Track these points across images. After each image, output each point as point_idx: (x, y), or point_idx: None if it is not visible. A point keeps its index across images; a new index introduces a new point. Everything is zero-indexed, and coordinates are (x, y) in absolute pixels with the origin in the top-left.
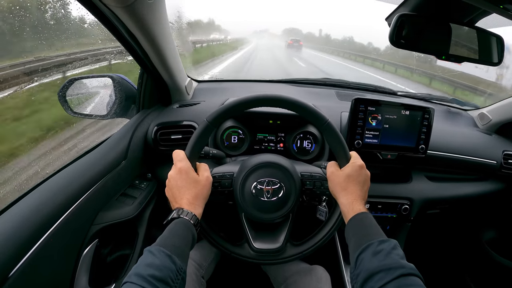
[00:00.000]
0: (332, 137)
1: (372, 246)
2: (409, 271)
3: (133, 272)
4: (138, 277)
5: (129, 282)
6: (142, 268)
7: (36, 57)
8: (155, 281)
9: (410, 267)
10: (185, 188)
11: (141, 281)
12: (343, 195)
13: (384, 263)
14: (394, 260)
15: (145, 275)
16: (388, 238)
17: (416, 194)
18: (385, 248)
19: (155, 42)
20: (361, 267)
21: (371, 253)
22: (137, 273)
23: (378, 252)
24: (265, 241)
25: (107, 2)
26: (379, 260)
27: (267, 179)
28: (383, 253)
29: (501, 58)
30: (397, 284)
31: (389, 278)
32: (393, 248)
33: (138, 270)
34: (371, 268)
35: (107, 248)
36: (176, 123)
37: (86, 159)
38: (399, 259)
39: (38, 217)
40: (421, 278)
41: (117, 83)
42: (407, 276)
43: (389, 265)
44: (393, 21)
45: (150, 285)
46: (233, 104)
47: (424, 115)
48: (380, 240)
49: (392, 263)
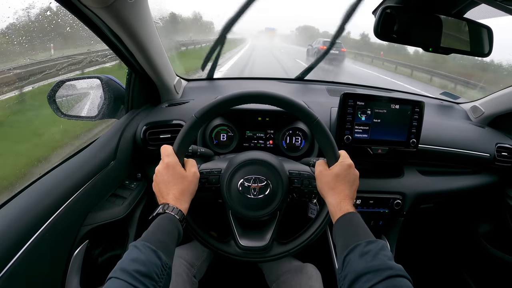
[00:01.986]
0: (321, 135)
1: (359, 247)
2: (397, 272)
3: (118, 267)
4: (123, 272)
5: (114, 277)
6: (127, 263)
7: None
8: (140, 276)
9: (398, 268)
10: (171, 184)
11: (126, 276)
12: (331, 194)
13: (371, 264)
14: (381, 261)
15: (130, 270)
16: (376, 238)
17: (408, 188)
18: (373, 249)
19: (140, 42)
20: (348, 268)
21: (359, 254)
22: (122, 268)
23: (365, 253)
24: (252, 238)
25: (87, 3)
26: (366, 261)
27: (254, 176)
28: (371, 254)
29: (491, 49)
30: (385, 285)
31: (376, 279)
32: (381, 249)
33: (123, 265)
34: (359, 270)
35: (98, 249)
36: (165, 123)
37: (75, 161)
38: (387, 260)
39: (27, 218)
40: (409, 279)
41: (105, 84)
42: (395, 278)
43: (376, 267)
44: (377, 13)
45: (135, 280)
46: (222, 100)
47: (414, 109)
48: (367, 241)
49: (379, 264)
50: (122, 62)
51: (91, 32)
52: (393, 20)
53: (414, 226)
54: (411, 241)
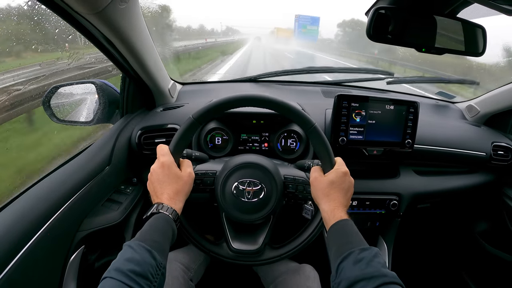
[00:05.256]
0: (318, 141)
1: (353, 254)
2: (391, 279)
3: (113, 267)
4: (118, 272)
5: (109, 277)
6: (122, 263)
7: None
8: (135, 276)
9: (392, 275)
10: (166, 183)
11: (121, 276)
12: (325, 201)
13: (365, 271)
14: (375, 268)
15: (125, 270)
16: (369, 246)
17: (404, 189)
18: (366, 256)
19: (132, 47)
20: (342, 275)
21: (352, 262)
22: (117, 268)
23: (359, 260)
24: (244, 242)
25: (78, 9)
26: (360, 268)
27: (248, 180)
28: (365, 261)
29: (484, 48)
30: None
31: (370, 286)
32: (374, 256)
33: (118, 265)
34: (352, 277)
35: (94, 254)
36: (160, 127)
37: (69, 166)
38: (380, 267)
39: (23, 224)
40: (402, 287)
41: (99, 89)
42: (388, 285)
43: (370, 274)
44: (369, 14)
45: (129, 280)
46: (220, 102)
47: (409, 109)
48: (361, 248)
49: (373, 271)
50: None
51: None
52: (385, 21)
53: (411, 226)
54: (409, 241)
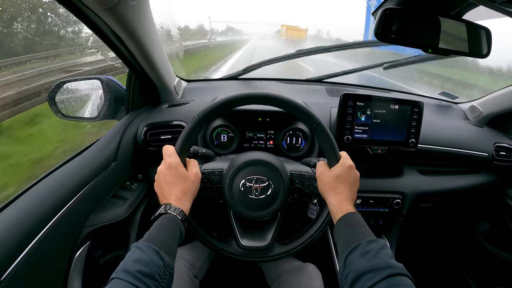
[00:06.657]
0: (322, 136)
1: (360, 246)
2: (398, 271)
3: (121, 268)
4: (126, 272)
5: (117, 278)
6: (130, 264)
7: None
8: (142, 277)
9: (399, 266)
10: (173, 184)
11: (129, 276)
12: (332, 195)
13: (372, 263)
14: (382, 260)
15: (133, 270)
16: (376, 238)
17: (407, 188)
18: (374, 248)
19: (141, 43)
20: (350, 267)
21: (360, 254)
22: (125, 269)
23: (366, 252)
24: (253, 238)
25: (91, 5)
26: (367, 260)
27: (255, 177)
28: (372, 253)
29: (489, 50)
30: (386, 284)
31: (378, 278)
32: (382, 248)
33: (126, 266)
34: (360, 268)
35: (99, 250)
36: (166, 123)
37: (76, 162)
38: (387, 259)
39: (29, 220)
40: (410, 278)
41: (105, 85)
42: (396, 276)
43: (378, 265)
44: (377, 15)
45: (137, 281)
46: (224, 100)
47: (413, 109)
48: (368, 240)
49: (380, 263)
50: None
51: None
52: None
53: (413, 225)
54: (411, 240)
